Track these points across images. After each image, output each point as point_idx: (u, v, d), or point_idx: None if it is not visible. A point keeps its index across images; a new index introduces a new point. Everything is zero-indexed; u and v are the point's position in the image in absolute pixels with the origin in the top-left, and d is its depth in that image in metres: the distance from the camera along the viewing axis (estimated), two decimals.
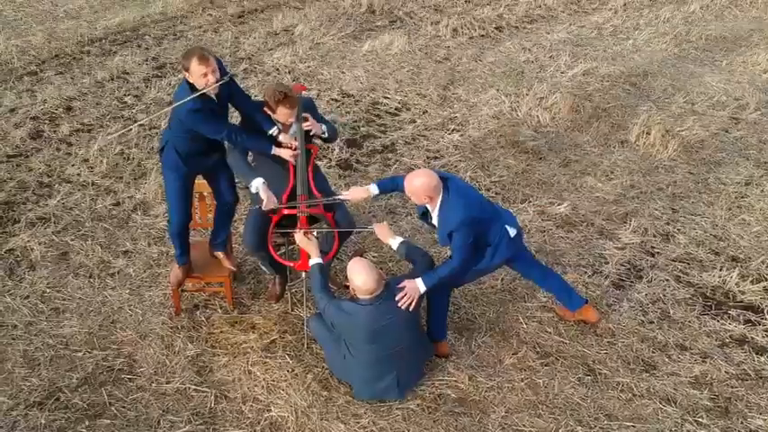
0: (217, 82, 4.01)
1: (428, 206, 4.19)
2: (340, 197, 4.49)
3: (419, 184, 4.01)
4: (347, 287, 4.17)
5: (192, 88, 4.03)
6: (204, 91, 3.99)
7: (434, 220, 4.21)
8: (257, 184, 4.26)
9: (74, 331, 4.68)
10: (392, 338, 4.02)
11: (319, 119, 4.60)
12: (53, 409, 4.13)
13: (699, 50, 9.40)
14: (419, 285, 4.07)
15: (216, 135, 4.21)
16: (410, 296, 4.03)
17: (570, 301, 4.67)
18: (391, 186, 4.44)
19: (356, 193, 4.41)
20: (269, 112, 4.32)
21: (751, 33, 9.96)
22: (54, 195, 5.99)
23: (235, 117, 4.64)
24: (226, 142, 4.38)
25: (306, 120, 4.42)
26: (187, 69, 4.00)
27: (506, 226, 4.26)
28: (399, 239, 4.32)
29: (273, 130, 4.35)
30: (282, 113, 4.27)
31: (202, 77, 3.98)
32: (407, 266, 5.20)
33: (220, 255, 4.71)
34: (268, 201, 4.25)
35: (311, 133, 4.46)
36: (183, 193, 4.41)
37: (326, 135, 4.54)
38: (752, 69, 8.78)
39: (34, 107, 7.40)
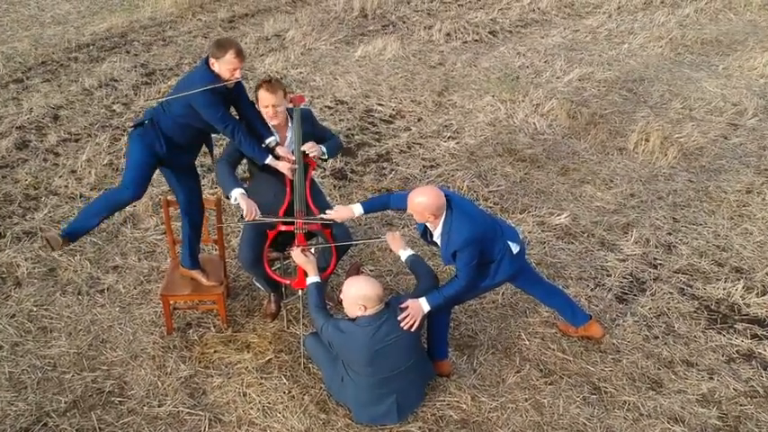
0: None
1: (428, 224, 4.06)
2: (325, 217, 4.31)
3: (424, 202, 3.84)
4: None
5: (212, 75, 3.95)
6: (227, 83, 3.98)
7: (436, 239, 4.07)
8: (236, 195, 4.14)
9: (62, 352, 4.52)
10: (392, 360, 3.88)
11: (320, 130, 4.48)
12: None
13: (695, 54, 9.33)
14: (423, 305, 3.95)
15: (221, 123, 4.06)
16: (413, 316, 3.90)
17: (574, 317, 4.55)
18: (379, 205, 4.32)
19: (341, 213, 4.24)
20: (255, 102, 4.24)
21: (746, 37, 9.89)
22: (41, 208, 5.82)
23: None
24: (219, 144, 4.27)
25: (311, 153, 4.30)
26: (218, 58, 3.93)
27: (509, 242, 4.14)
28: (410, 252, 4.20)
29: (270, 141, 4.23)
30: (262, 97, 4.18)
31: (231, 71, 3.96)
32: (405, 281, 5.10)
33: (194, 273, 4.57)
34: (248, 210, 4.11)
35: (310, 155, 4.31)
36: (146, 171, 4.14)
37: (326, 157, 4.41)
38: (749, 74, 8.71)
39: (20, 116, 7.22)
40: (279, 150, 4.24)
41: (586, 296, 5.06)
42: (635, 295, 5.10)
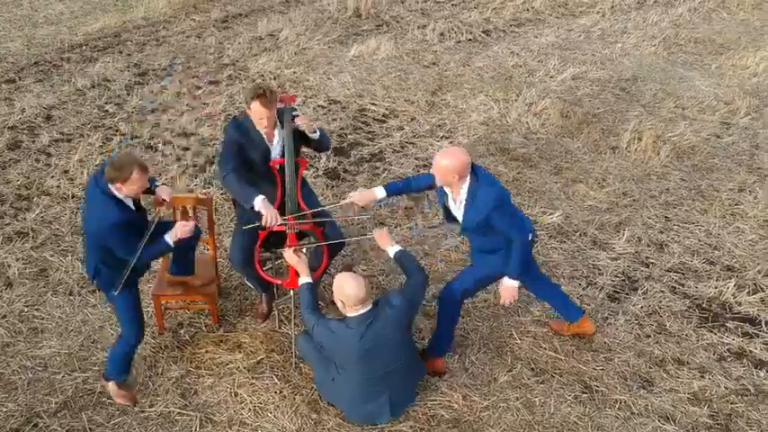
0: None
1: (450, 191, 3.97)
2: (347, 201, 4.28)
3: (451, 161, 3.75)
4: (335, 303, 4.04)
5: (116, 201, 3.72)
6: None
7: (458, 204, 3.96)
8: (258, 203, 4.09)
9: (53, 352, 4.51)
10: (384, 359, 3.87)
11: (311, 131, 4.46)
12: None
13: (687, 54, 9.34)
14: (510, 283, 4.03)
15: (128, 256, 3.85)
16: (513, 296, 4.07)
17: (568, 312, 4.55)
18: (402, 188, 4.26)
19: (364, 196, 4.21)
20: (248, 113, 4.16)
21: (739, 36, 9.91)
22: (33, 209, 5.81)
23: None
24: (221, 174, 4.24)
25: (296, 117, 4.26)
26: (125, 180, 3.68)
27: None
28: (398, 247, 4.16)
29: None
30: (256, 110, 4.07)
31: (140, 189, 3.81)
32: (397, 281, 5.10)
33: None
34: (268, 218, 4.07)
35: (302, 128, 4.26)
36: (138, 304, 4.13)
37: (317, 133, 4.35)
38: (741, 73, 8.72)
39: (12, 116, 7.21)
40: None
41: (578, 295, 5.06)
42: (627, 294, 5.11)
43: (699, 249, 5.59)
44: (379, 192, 4.18)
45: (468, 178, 3.86)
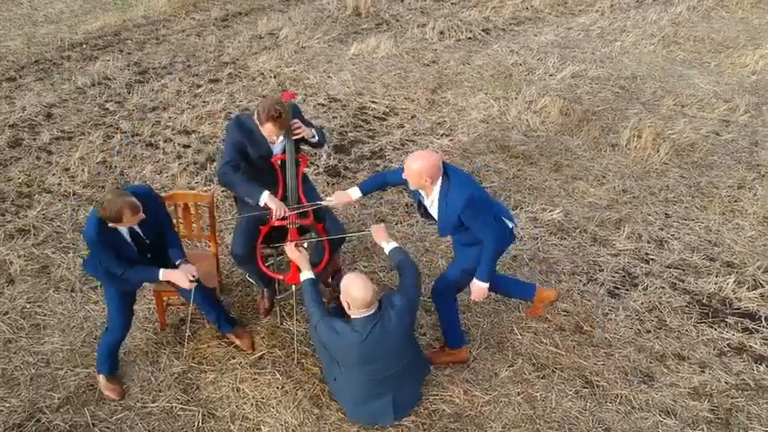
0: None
1: (423, 193, 4.00)
2: (323, 203, 4.36)
3: (421, 165, 3.78)
4: (337, 299, 4.05)
5: (102, 223, 3.79)
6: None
7: (432, 206, 4.00)
8: (265, 198, 4.14)
9: (55, 348, 4.52)
10: (387, 361, 3.85)
11: (306, 124, 4.47)
12: None
13: (687, 52, 9.35)
14: (480, 284, 4.05)
15: (115, 271, 3.96)
16: (482, 295, 4.08)
17: (525, 291, 4.50)
18: (377, 184, 4.31)
19: (339, 198, 4.29)
20: (257, 122, 4.18)
21: (738, 35, 9.93)
22: (34, 206, 5.82)
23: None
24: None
25: (295, 126, 4.29)
26: (116, 222, 3.78)
27: (502, 217, 4.11)
28: (394, 244, 4.16)
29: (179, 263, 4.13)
30: (269, 129, 4.12)
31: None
32: (397, 276, 5.10)
33: (230, 336, 4.54)
34: (278, 210, 4.12)
35: (301, 135, 4.31)
36: (126, 298, 4.17)
37: (316, 139, 4.40)
38: (740, 71, 8.75)
39: (13, 114, 7.22)
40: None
41: (579, 291, 5.08)
42: (627, 290, 5.13)
43: (699, 246, 5.61)
44: (354, 192, 4.25)
45: (440, 180, 3.87)
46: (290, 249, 4.13)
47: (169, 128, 7.07)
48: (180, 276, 4.02)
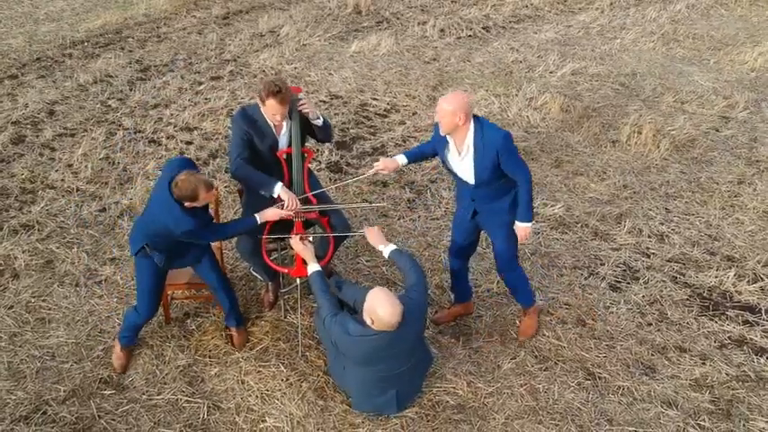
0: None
1: (452, 142, 4.01)
2: (371, 171, 4.40)
3: (456, 102, 3.81)
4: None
5: (187, 211, 3.85)
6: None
7: (465, 157, 4.00)
8: (278, 189, 4.17)
9: (60, 342, 4.55)
10: (396, 362, 3.87)
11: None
12: (40, 424, 4.00)
13: (686, 49, 9.40)
14: (524, 225, 4.15)
15: (214, 238, 4.22)
16: (527, 236, 4.20)
17: (527, 296, 4.63)
18: (420, 154, 4.40)
19: (387, 164, 4.33)
20: (260, 104, 4.21)
21: (737, 32, 9.97)
22: (37, 202, 5.85)
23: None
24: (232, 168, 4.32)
25: (301, 103, 4.29)
26: (194, 200, 3.85)
27: None
28: (392, 247, 4.16)
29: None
30: (271, 106, 4.11)
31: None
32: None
33: (230, 330, 4.56)
34: (289, 201, 4.15)
35: (306, 109, 4.30)
36: (158, 293, 4.28)
37: (320, 119, 4.38)
38: (740, 68, 8.79)
39: (15, 111, 7.24)
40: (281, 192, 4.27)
41: (580, 285, 5.11)
42: (628, 283, 5.16)
43: (699, 240, 5.64)
44: (401, 159, 4.34)
45: (473, 125, 3.92)
46: (295, 242, 4.16)
47: (171, 125, 7.10)
48: (274, 211, 4.17)
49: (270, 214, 4.17)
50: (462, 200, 4.34)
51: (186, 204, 3.81)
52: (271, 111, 4.15)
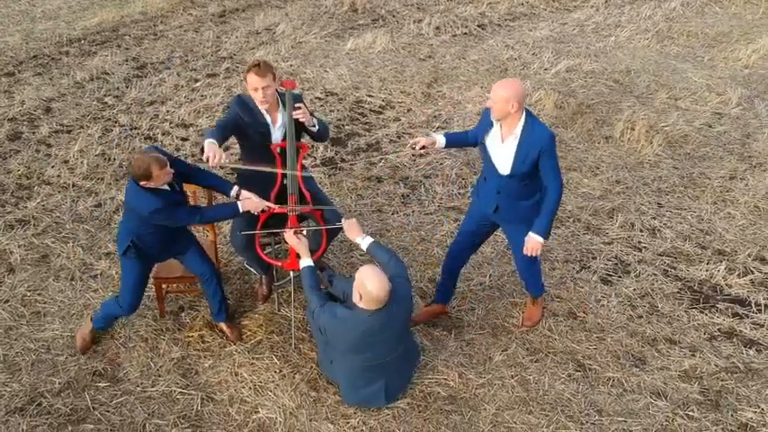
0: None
1: (499, 128, 3.97)
2: (413, 141, 4.31)
3: (511, 91, 3.77)
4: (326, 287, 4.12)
5: (150, 191, 3.90)
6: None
7: (505, 144, 3.97)
8: (205, 143, 4.00)
9: (55, 335, 4.58)
10: (383, 349, 3.91)
11: (310, 113, 4.52)
12: (35, 415, 4.04)
13: (680, 47, 9.44)
14: (537, 239, 4.05)
15: (190, 220, 4.13)
16: (535, 251, 4.08)
17: (538, 285, 4.66)
18: (461, 140, 4.36)
19: (428, 140, 4.27)
20: (246, 86, 4.24)
21: (731, 29, 10.01)
22: (33, 197, 5.88)
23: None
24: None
25: (297, 108, 4.33)
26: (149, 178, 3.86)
27: None
28: (369, 240, 4.16)
29: (234, 191, 4.23)
30: (250, 80, 4.14)
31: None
32: None
33: (221, 325, 4.60)
34: (208, 153, 3.90)
35: (300, 117, 4.33)
36: (142, 280, 4.31)
37: (316, 128, 4.43)
38: (733, 65, 8.83)
39: (12, 108, 7.28)
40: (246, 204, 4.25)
41: (572, 278, 5.15)
42: (620, 277, 5.20)
43: (690, 234, 5.69)
44: (440, 139, 4.30)
45: (524, 116, 3.90)
46: (289, 236, 4.19)
47: (167, 121, 7.13)
48: (257, 202, 4.17)
49: (249, 204, 4.15)
50: (485, 194, 4.24)
51: (142, 183, 3.84)
52: (251, 85, 4.17)
